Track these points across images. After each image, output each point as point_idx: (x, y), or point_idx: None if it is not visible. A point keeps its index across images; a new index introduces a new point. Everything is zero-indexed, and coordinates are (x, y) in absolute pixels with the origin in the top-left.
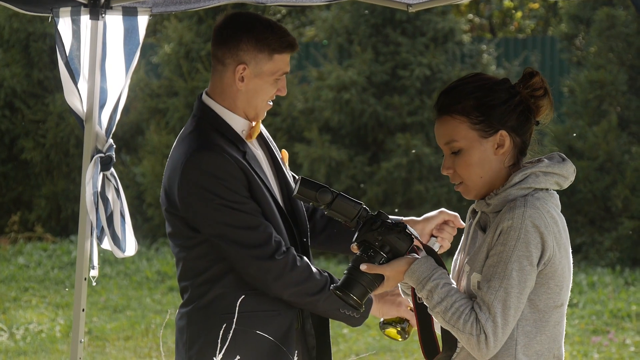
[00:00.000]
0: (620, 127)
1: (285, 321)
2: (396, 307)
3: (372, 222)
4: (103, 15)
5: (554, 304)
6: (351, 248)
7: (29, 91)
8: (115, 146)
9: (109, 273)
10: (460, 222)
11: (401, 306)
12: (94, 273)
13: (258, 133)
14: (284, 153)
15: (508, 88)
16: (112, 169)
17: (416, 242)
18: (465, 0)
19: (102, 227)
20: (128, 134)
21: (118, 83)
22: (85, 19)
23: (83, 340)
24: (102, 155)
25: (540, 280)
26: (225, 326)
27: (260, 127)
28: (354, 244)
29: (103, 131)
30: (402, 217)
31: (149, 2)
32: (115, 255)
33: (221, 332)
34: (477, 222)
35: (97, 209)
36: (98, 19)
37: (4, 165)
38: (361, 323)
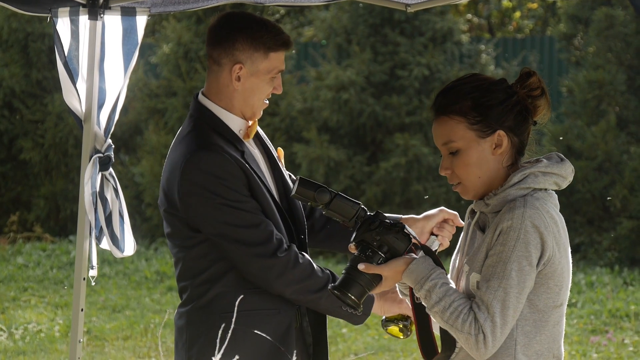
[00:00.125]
0: (618, 127)
1: (284, 320)
2: (398, 305)
3: (371, 222)
4: (102, 15)
5: (554, 304)
6: (349, 248)
7: (28, 91)
8: (113, 146)
9: (108, 273)
10: (459, 221)
11: (403, 304)
12: (93, 273)
13: (255, 132)
14: (280, 151)
15: (505, 88)
16: (111, 169)
17: (414, 241)
18: (463, 0)
19: (101, 227)
20: (127, 134)
21: (117, 83)
22: (83, 19)
23: (82, 340)
24: (101, 155)
25: (539, 280)
26: (225, 325)
27: (257, 127)
28: (352, 244)
29: (102, 131)
30: (402, 215)
31: (148, 2)
32: (114, 255)
33: (220, 332)
34: (476, 222)
35: (96, 209)
36: (97, 19)
37: (3, 165)
38: (363, 321)
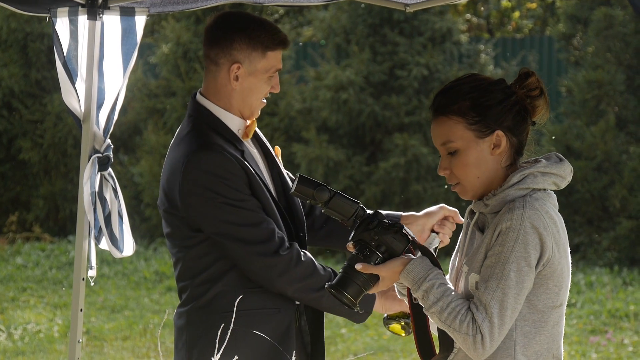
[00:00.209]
0: (618, 127)
1: (285, 319)
2: (399, 302)
3: (369, 222)
4: (101, 15)
5: (553, 304)
6: (347, 247)
7: (27, 91)
8: (113, 146)
9: (107, 273)
10: (459, 218)
11: (404, 301)
12: (92, 273)
13: (253, 132)
14: (277, 149)
15: (504, 88)
16: (110, 169)
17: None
18: (462, 0)
19: (100, 227)
20: (126, 134)
21: (116, 83)
22: (82, 19)
23: (81, 340)
24: (100, 155)
25: (539, 280)
26: (225, 325)
27: (255, 126)
28: (350, 243)
29: (101, 131)
30: (402, 213)
31: (147, 2)
32: (113, 255)
33: (219, 332)
34: (475, 223)
35: (95, 209)
36: (96, 19)
37: (2, 165)
38: (365, 319)
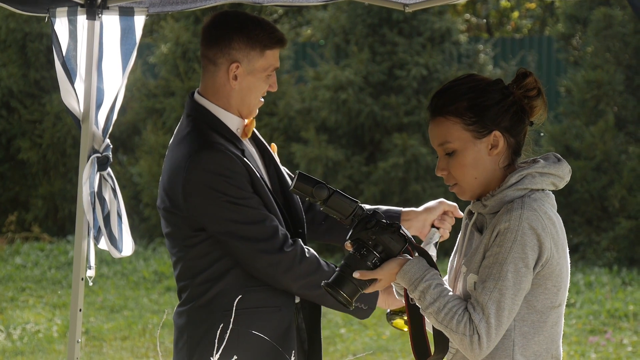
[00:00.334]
0: (617, 127)
1: (286, 317)
2: (401, 298)
3: (367, 221)
4: (100, 15)
5: (552, 305)
6: (345, 246)
7: (26, 91)
8: (112, 146)
9: (106, 273)
10: (459, 212)
11: None
12: (91, 273)
13: (252, 131)
14: (273, 146)
15: (501, 89)
16: (109, 169)
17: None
18: (462, 0)
19: (99, 227)
20: (125, 134)
21: (115, 83)
22: (82, 19)
23: (80, 340)
24: (99, 155)
25: (537, 281)
26: (227, 324)
27: (254, 125)
28: (348, 242)
29: (100, 131)
30: (403, 208)
31: (146, 2)
32: (112, 255)
33: (220, 330)
34: (474, 223)
35: (94, 209)
36: (95, 19)
37: (1, 165)
38: (369, 315)
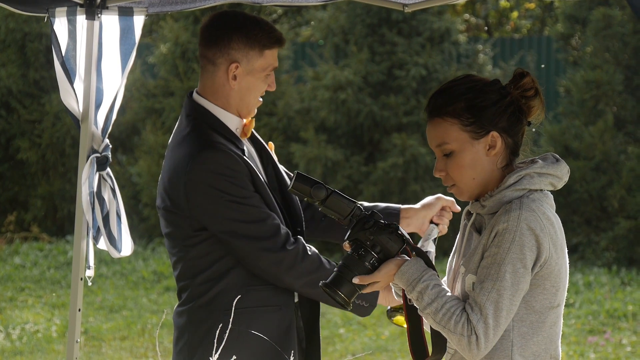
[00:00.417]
0: (616, 127)
1: (286, 316)
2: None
3: (365, 222)
4: (99, 15)
5: (550, 305)
6: (343, 246)
7: (25, 91)
8: (111, 146)
9: (105, 273)
10: (456, 207)
11: None
12: (90, 273)
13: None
14: (270, 145)
15: (499, 89)
16: (108, 169)
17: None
18: (461, 0)
19: (98, 227)
20: (124, 134)
21: (114, 83)
22: (81, 19)
23: (79, 340)
24: (98, 155)
25: (536, 281)
26: (229, 323)
27: (253, 125)
28: (346, 242)
29: (99, 131)
30: (401, 205)
31: (145, 2)
32: (111, 255)
33: (222, 329)
34: (472, 224)
35: (93, 209)
36: (94, 19)
37: (0, 165)
38: (370, 312)
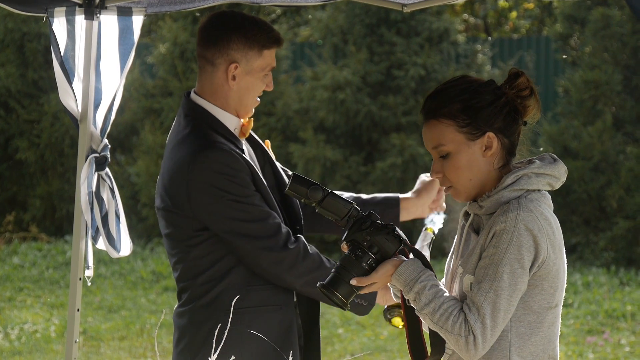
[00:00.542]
0: (615, 127)
1: (287, 315)
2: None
3: (362, 222)
4: (98, 15)
5: (548, 305)
6: (341, 247)
7: (24, 91)
8: (110, 146)
9: (104, 273)
10: None
11: None
12: (89, 273)
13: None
14: (267, 143)
15: (494, 89)
16: (107, 169)
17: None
18: (460, 0)
19: (97, 227)
20: (123, 134)
21: (113, 83)
22: (80, 19)
23: (78, 340)
24: (97, 155)
25: (534, 281)
26: (229, 323)
27: (251, 125)
28: (344, 243)
29: (98, 131)
30: (400, 195)
31: (144, 2)
32: (110, 255)
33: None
34: (470, 225)
35: (92, 209)
36: (93, 19)
37: None
38: (368, 311)
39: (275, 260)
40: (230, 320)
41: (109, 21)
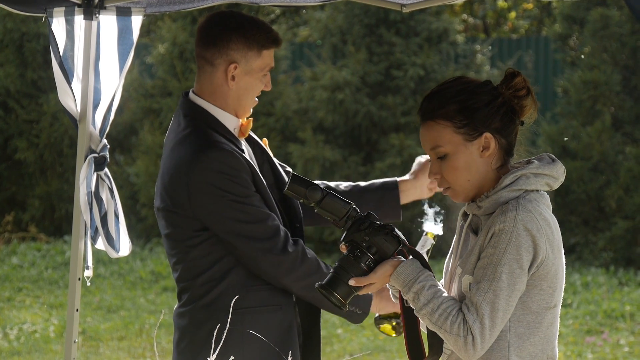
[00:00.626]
0: (614, 127)
1: (287, 315)
2: (393, 304)
3: (361, 223)
4: (97, 15)
5: (547, 305)
6: (340, 248)
7: (23, 91)
8: (109, 146)
9: (103, 273)
10: None
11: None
12: (88, 273)
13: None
14: (265, 141)
15: (490, 90)
16: (106, 169)
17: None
18: (459, 0)
19: (96, 227)
20: (122, 134)
21: (112, 83)
22: (79, 19)
23: (77, 340)
24: (96, 155)
25: (532, 282)
26: (229, 324)
27: (251, 125)
28: (342, 244)
29: (97, 131)
30: (397, 178)
31: (143, 3)
32: (109, 255)
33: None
34: (469, 225)
35: (91, 209)
36: (92, 19)
37: None
38: (362, 320)
39: (273, 262)
40: (230, 320)
41: (108, 21)
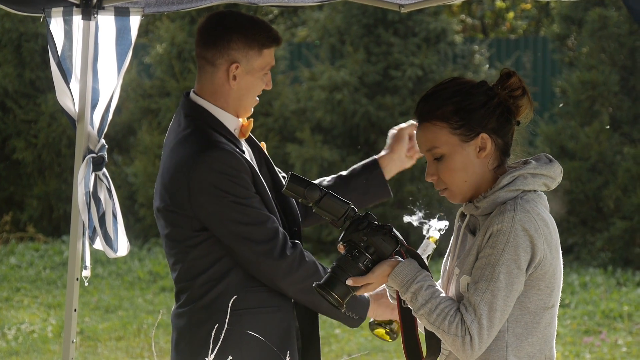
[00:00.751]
0: (612, 128)
1: (285, 316)
2: (390, 311)
3: (359, 223)
4: (95, 15)
5: (545, 306)
6: (338, 248)
7: (21, 91)
8: (107, 146)
9: (101, 273)
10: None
11: (395, 310)
12: (86, 273)
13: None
14: (262, 144)
15: (486, 90)
16: (104, 169)
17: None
18: (457, 0)
19: (94, 227)
20: (120, 134)
21: (110, 83)
22: (77, 19)
23: (75, 340)
24: (94, 155)
25: (530, 282)
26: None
27: (251, 126)
28: (340, 244)
29: (95, 131)
30: (375, 156)
31: (141, 3)
32: (107, 255)
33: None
34: (467, 225)
35: (89, 209)
36: (90, 19)
37: None
38: (359, 324)
39: (271, 265)
40: (231, 320)
41: (106, 21)
